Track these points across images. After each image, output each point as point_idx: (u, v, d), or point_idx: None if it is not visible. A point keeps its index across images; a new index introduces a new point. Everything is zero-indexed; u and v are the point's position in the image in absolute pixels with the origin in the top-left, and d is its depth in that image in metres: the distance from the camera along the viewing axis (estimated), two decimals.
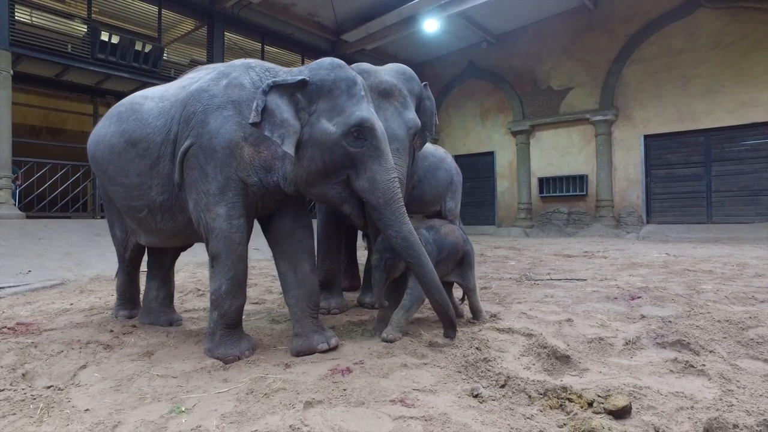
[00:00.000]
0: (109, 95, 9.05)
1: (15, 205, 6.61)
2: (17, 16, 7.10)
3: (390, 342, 2.19)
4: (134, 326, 2.64)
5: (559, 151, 10.94)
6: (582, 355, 2.02)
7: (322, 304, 2.93)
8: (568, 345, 2.14)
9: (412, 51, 12.19)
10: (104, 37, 7.45)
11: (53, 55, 7.15)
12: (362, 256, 4.11)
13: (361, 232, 4.21)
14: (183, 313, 2.98)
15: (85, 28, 7.68)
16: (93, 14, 7.76)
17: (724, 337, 2.17)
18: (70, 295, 3.74)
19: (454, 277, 2.59)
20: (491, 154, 12.13)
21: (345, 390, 1.64)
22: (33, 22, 7.85)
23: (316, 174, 2.02)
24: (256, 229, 2.27)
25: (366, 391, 1.62)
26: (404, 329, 2.30)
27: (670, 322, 2.43)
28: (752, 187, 8.64)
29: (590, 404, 1.50)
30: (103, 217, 6.94)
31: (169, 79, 5.54)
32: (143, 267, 2.86)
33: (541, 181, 11.05)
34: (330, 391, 1.63)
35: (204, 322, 2.74)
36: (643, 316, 2.63)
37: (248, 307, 2.97)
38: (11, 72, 6.63)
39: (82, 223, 6.55)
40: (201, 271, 4.96)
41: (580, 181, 10.51)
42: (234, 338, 2.10)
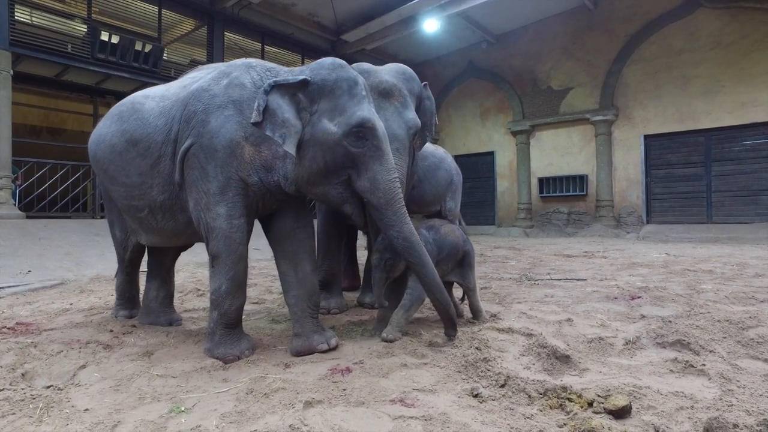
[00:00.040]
0: (109, 95, 9.06)
1: (15, 205, 6.61)
2: (17, 16, 7.10)
3: (390, 342, 2.19)
4: (134, 326, 2.64)
5: (559, 151, 10.94)
6: (582, 355, 2.02)
7: (322, 304, 2.93)
8: (568, 345, 2.14)
9: (412, 51, 12.19)
10: (104, 37, 7.45)
11: (53, 55, 7.15)
12: (362, 256, 4.11)
13: (360, 232, 4.21)
14: (183, 313, 2.98)
15: (85, 28, 7.68)
16: (93, 14, 7.76)
17: (724, 337, 2.16)
18: (70, 295, 3.74)
19: (455, 277, 2.59)
20: (491, 154, 12.13)
21: (345, 390, 1.63)
22: (33, 22, 7.85)
23: (317, 174, 2.02)
24: (256, 229, 2.27)
25: (366, 391, 1.62)
26: (404, 329, 2.30)
27: (670, 321, 2.43)
28: (752, 187, 8.64)
29: (590, 404, 1.50)
30: (103, 217, 6.95)
31: (169, 79, 5.54)
32: (143, 267, 2.86)
33: (541, 181, 11.05)
34: (330, 391, 1.63)
35: (204, 322, 2.74)
36: (643, 316, 2.63)
37: (248, 307, 2.97)
38: (11, 72, 6.63)
39: (82, 223, 6.55)
40: (201, 271, 4.96)
41: (580, 181, 10.51)
42: (234, 338, 2.10)
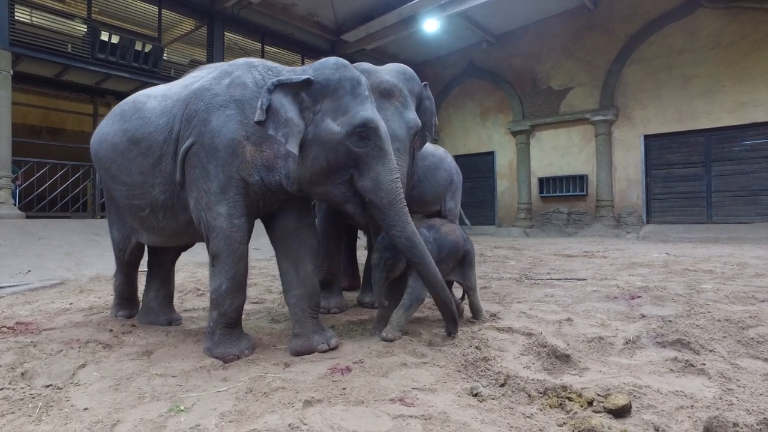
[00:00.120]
0: (109, 95, 9.06)
1: (15, 204, 6.61)
2: (17, 16, 7.09)
3: (390, 341, 2.19)
4: (133, 326, 2.64)
5: (559, 151, 10.94)
6: (582, 355, 2.02)
7: (322, 304, 2.93)
8: (568, 344, 2.13)
9: (412, 51, 12.19)
10: (104, 37, 7.45)
11: (53, 55, 7.15)
12: (362, 256, 4.11)
13: (360, 232, 4.21)
14: (182, 313, 2.98)
15: (85, 28, 7.67)
16: (93, 14, 7.76)
17: (724, 337, 2.16)
18: (70, 295, 3.74)
19: (455, 277, 2.59)
20: (491, 154, 12.13)
21: (344, 389, 1.63)
22: (33, 21, 7.85)
23: (319, 173, 2.01)
24: (255, 229, 2.27)
25: (365, 390, 1.62)
26: (404, 328, 2.30)
27: (670, 321, 2.43)
28: (752, 187, 8.63)
29: (590, 403, 1.49)
30: (103, 217, 6.95)
31: (169, 79, 5.54)
32: (142, 267, 2.86)
33: (541, 181, 11.05)
34: (329, 390, 1.62)
35: (203, 321, 2.74)
36: (643, 316, 2.63)
37: (248, 307, 2.96)
38: (11, 72, 6.63)
39: (82, 223, 6.55)
40: (201, 271, 4.96)
41: (580, 181, 10.50)
42: (233, 337, 2.09)
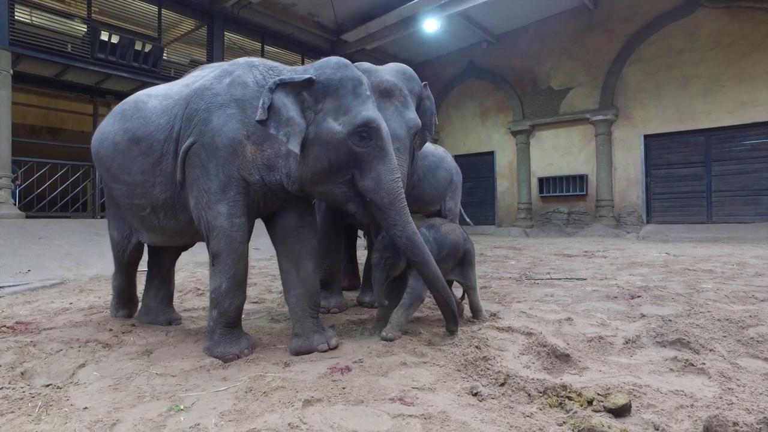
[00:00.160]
0: (109, 95, 9.07)
1: (15, 204, 6.61)
2: (17, 16, 7.09)
3: (389, 341, 2.19)
4: (133, 325, 2.63)
5: (559, 151, 10.94)
6: (582, 354, 2.02)
7: (322, 303, 2.93)
8: (568, 344, 2.13)
9: (412, 51, 12.19)
10: (104, 37, 7.46)
11: (53, 55, 7.15)
12: (362, 256, 4.11)
13: (359, 231, 4.21)
14: (182, 313, 2.98)
15: (85, 28, 7.68)
16: (93, 14, 7.76)
17: (724, 336, 2.16)
18: (70, 295, 3.74)
19: (455, 276, 2.59)
20: (491, 154, 12.13)
21: (344, 388, 1.63)
22: (33, 21, 7.85)
23: (321, 173, 2.02)
24: (255, 229, 2.27)
25: (365, 390, 1.62)
26: (404, 328, 2.30)
27: (670, 320, 2.42)
28: (752, 186, 8.63)
29: (590, 402, 1.49)
30: (103, 217, 6.95)
31: (169, 79, 5.54)
32: (142, 266, 2.86)
33: (541, 181, 11.05)
34: (329, 390, 1.62)
35: (203, 321, 2.74)
36: (643, 315, 2.63)
37: (248, 306, 2.96)
38: (11, 72, 6.63)
39: (82, 223, 6.55)
40: (200, 271, 4.95)
41: (580, 181, 10.50)
42: (233, 337, 2.09)
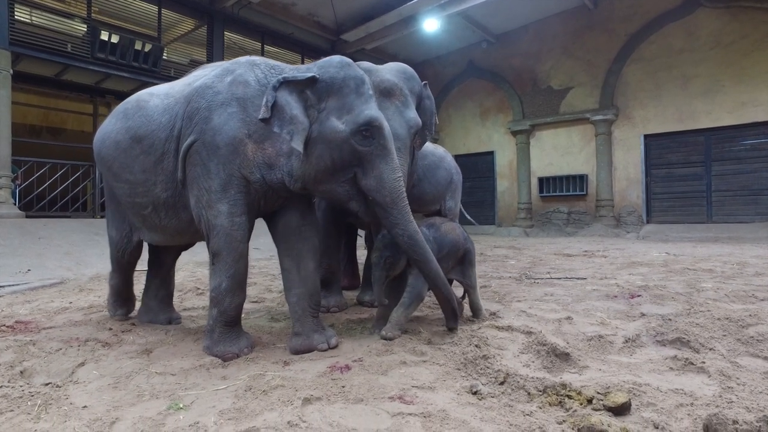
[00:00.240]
0: (109, 95, 9.07)
1: (15, 204, 6.61)
2: (17, 16, 7.09)
3: (389, 340, 2.19)
4: (133, 324, 2.64)
5: (559, 151, 10.94)
6: (581, 353, 2.02)
7: (322, 303, 2.92)
8: (568, 343, 2.13)
9: (412, 51, 12.19)
10: (104, 37, 7.45)
11: (53, 55, 7.15)
12: (362, 255, 4.11)
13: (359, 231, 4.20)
14: (182, 312, 2.98)
15: (85, 28, 7.67)
16: (93, 14, 7.76)
17: (724, 335, 2.16)
18: (70, 294, 3.74)
19: (455, 275, 2.59)
20: (491, 153, 12.13)
21: (344, 387, 1.63)
22: (33, 21, 7.84)
23: (324, 171, 2.02)
24: (256, 228, 2.27)
25: (365, 388, 1.62)
26: (404, 327, 2.30)
27: (670, 320, 2.42)
28: (752, 186, 8.63)
29: (590, 401, 1.49)
30: (102, 217, 6.94)
31: (169, 79, 5.54)
32: (141, 266, 2.85)
33: (541, 180, 11.04)
34: (328, 388, 1.62)
35: (203, 320, 2.74)
36: (643, 314, 2.63)
37: (248, 306, 2.96)
38: (11, 71, 6.63)
39: (82, 223, 6.55)
40: (200, 270, 4.95)
41: (580, 180, 10.50)
42: (233, 336, 2.09)
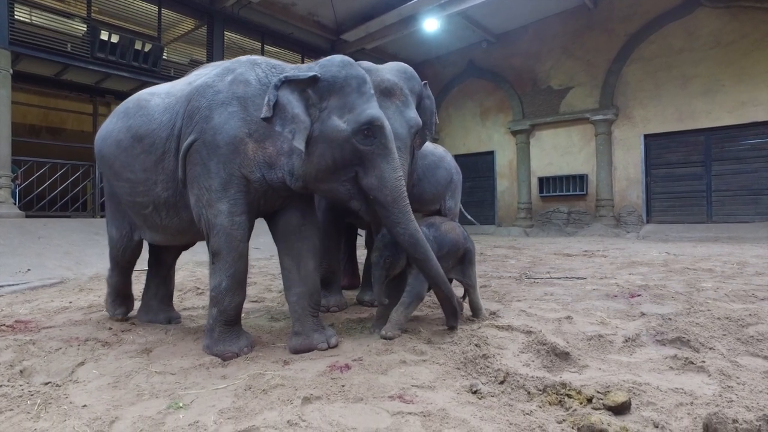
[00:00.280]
0: (109, 94, 9.06)
1: (14, 204, 6.61)
2: (17, 15, 7.08)
3: (389, 339, 2.19)
4: (133, 324, 2.64)
5: (559, 151, 10.94)
6: (581, 352, 2.02)
7: (321, 302, 2.92)
8: (568, 342, 2.13)
9: (412, 50, 12.18)
10: (104, 37, 7.45)
11: (53, 54, 7.14)
12: (361, 255, 4.10)
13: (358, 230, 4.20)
14: (182, 312, 2.97)
15: (85, 28, 7.67)
16: (93, 13, 7.75)
17: (724, 335, 2.16)
18: (69, 294, 3.74)
19: (455, 274, 2.59)
20: (491, 153, 12.13)
21: (343, 386, 1.63)
22: (32, 21, 7.84)
23: (325, 170, 2.02)
24: (256, 228, 2.27)
25: (364, 388, 1.62)
26: (403, 326, 2.30)
27: (670, 319, 2.42)
28: (752, 186, 8.63)
29: (589, 400, 1.49)
30: (102, 216, 6.94)
31: (169, 79, 5.54)
32: (140, 266, 2.85)
33: (541, 180, 11.04)
34: (328, 387, 1.62)
35: (203, 320, 2.74)
36: (643, 314, 2.63)
37: (247, 305, 2.96)
38: (11, 71, 6.63)
39: (82, 222, 6.55)
40: (200, 270, 4.95)
41: (580, 180, 10.50)
42: (233, 335, 2.09)
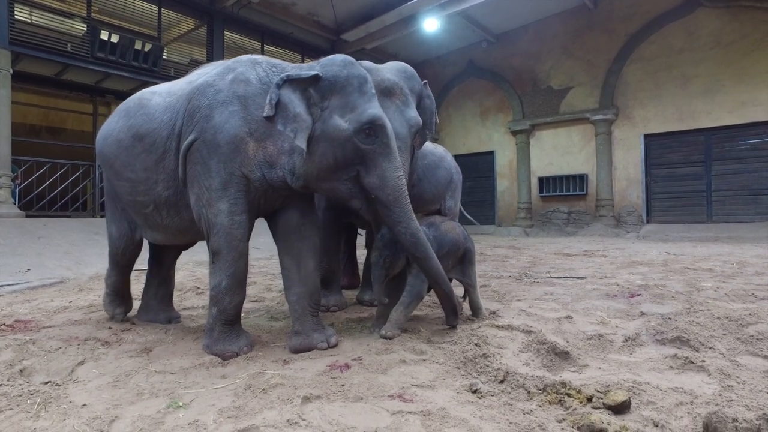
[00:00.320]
0: (109, 94, 9.06)
1: (14, 204, 6.61)
2: (17, 15, 7.08)
3: (389, 338, 2.19)
4: (133, 323, 2.64)
5: (559, 151, 10.94)
6: (581, 352, 2.02)
7: (321, 302, 2.92)
8: (568, 341, 2.13)
9: (412, 50, 12.18)
10: (104, 36, 7.45)
11: (53, 54, 7.15)
12: (361, 255, 4.10)
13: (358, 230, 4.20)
14: (182, 311, 2.97)
15: (85, 27, 7.67)
16: (93, 13, 7.76)
17: (724, 334, 2.16)
18: (69, 293, 3.74)
19: (455, 274, 2.58)
20: (491, 153, 12.13)
21: (343, 385, 1.63)
22: (32, 21, 7.84)
23: (327, 169, 2.02)
24: (256, 228, 2.26)
25: (364, 387, 1.62)
26: (403, 326, 2.30)
27: (670, 319, 2.42)
28: (752, 186, 8.63)
29: (589, 399, 1.49)
30: (102, 216, 6.95)
31: (169, 79, 5.53)
32: (140, 265, 2.85)
33: (541, 180, 11.04)
34: (328, 387, 1.62)
35: (202, 319, 2.73)
36: (643, 313, 2.63)
37: (247, 305, 2.96)
38: (11, 71, 6.63)
39: (82, 222, 6.55)
40: (200, 270, 4.95)
41: (580, 180, 10.50)
42: (232, 335, 2.09)
